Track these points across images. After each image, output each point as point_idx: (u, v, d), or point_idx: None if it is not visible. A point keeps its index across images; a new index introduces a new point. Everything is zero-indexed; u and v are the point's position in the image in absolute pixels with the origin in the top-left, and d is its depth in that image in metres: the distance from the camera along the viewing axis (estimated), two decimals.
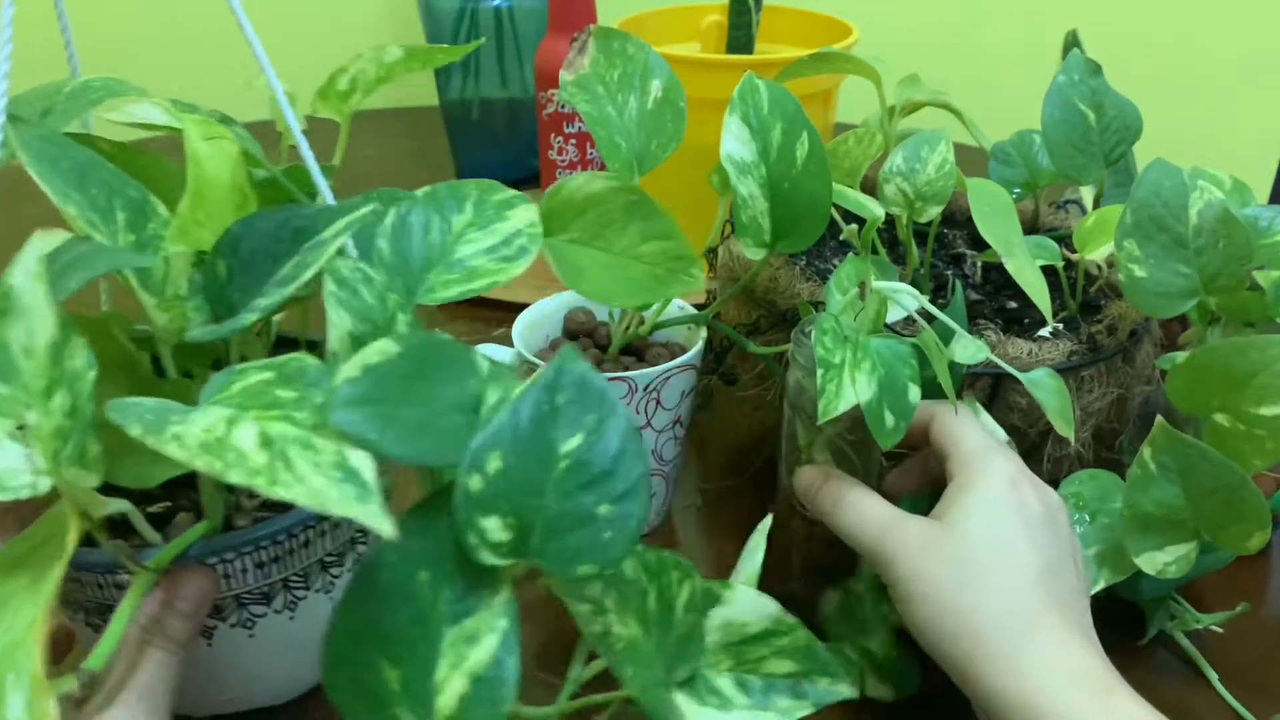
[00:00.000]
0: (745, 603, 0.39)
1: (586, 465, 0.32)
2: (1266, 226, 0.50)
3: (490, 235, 0.42)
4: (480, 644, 0.31)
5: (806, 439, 0.46)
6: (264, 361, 0.33)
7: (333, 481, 0.29)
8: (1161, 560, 0.44)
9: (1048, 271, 0.53)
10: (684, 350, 0.54)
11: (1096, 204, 0.58)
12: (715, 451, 0.66)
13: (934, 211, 0.54)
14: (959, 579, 0.39)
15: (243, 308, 0.36)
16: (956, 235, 0.65)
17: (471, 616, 0.32)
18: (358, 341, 0.35)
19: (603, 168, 0.86)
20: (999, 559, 0.39)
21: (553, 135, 0.84)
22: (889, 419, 0.40)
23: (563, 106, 0.83)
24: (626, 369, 0.52)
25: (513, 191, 0.43)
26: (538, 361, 0.51)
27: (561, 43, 0.82)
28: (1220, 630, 0.50)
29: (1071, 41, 0.67)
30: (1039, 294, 0.47)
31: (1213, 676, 0.47)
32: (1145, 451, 0.44)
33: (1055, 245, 0.54)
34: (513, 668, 0.31)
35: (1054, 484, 0.45)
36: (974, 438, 0.43)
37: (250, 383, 0.32)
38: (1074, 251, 0.55)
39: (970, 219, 0.65)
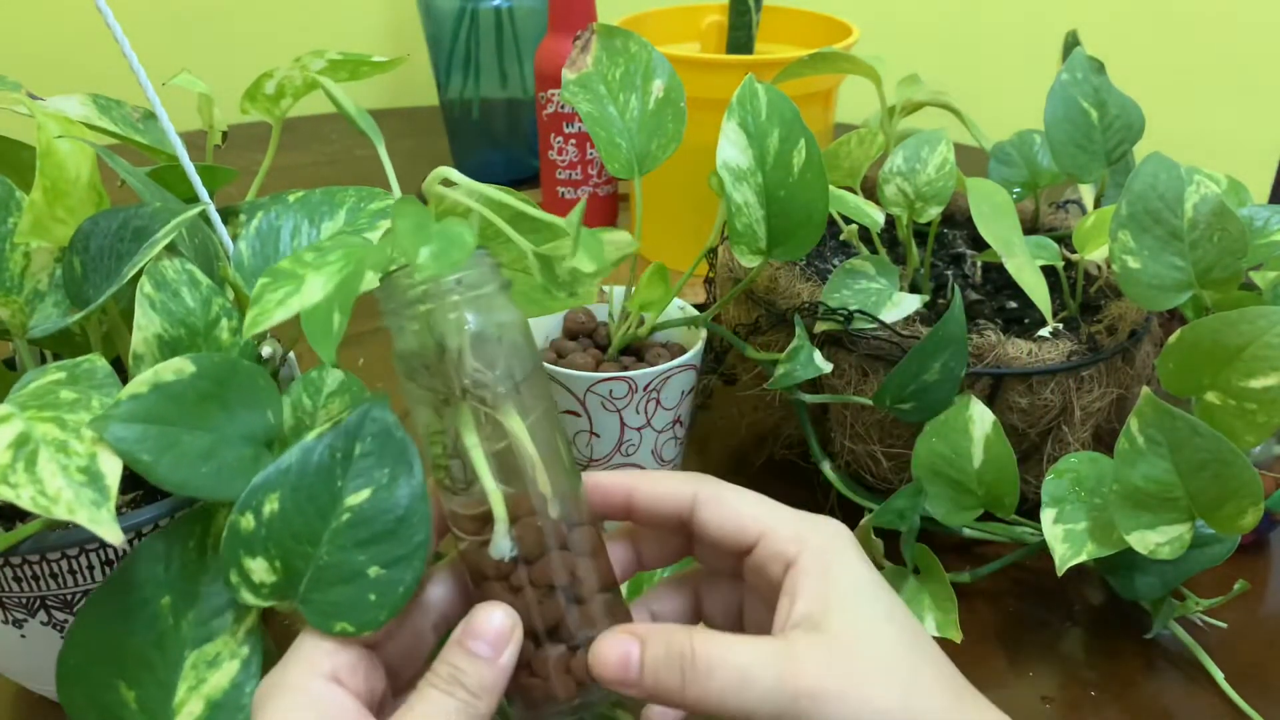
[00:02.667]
0: None
1: (368, 522, 0.31)
2: (1262, 226, 0.50)
3: None
4: (221, 669, 0.31)
5: (437, 424, 0.32)
6: (63, 362, 0.33)
7: (73, 485, 0.29)
8: (1154, 540, 0.44)
9: (1048, 271, 0.53)
10: (684, 350, 0.54)
11: (1097, 204, 0.58)
12: (715, 451, 0.66)
13: (934, 211, 0.54)
14: (902, 695, 0.30)
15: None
16: (956, 235, 0.65)
17: (213, 640, 0.32)
18: (168, 346, 0.35)
19: (603, 168, 0.86)
20: (912, 655, 0.31)
21: (553, 135, 0.84)
22: (336, 320, 0.30)
23: (563, 106, 0.83)
24: (626, 369, 0.52)
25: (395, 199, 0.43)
26: None
27: (562, 43, 0.82)
28: (1224, 626, 0.50)
29: (1072, 41, 0.67)
30: (1039, 294, 0.47)
31: (1218, 675, 0.47)
32: (1132, 424, 0.44)
33: (1055, 245, 0.54)
34: (251, 694, 0.31)
35: None
36: (777, 508, 0.34)
37: (44, 381, 0.32)
38: (1074, 251, 0.55)
39: (970, 219, 0.65)
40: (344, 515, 0.31)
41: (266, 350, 0.43)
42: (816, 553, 0.32)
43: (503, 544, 0.31)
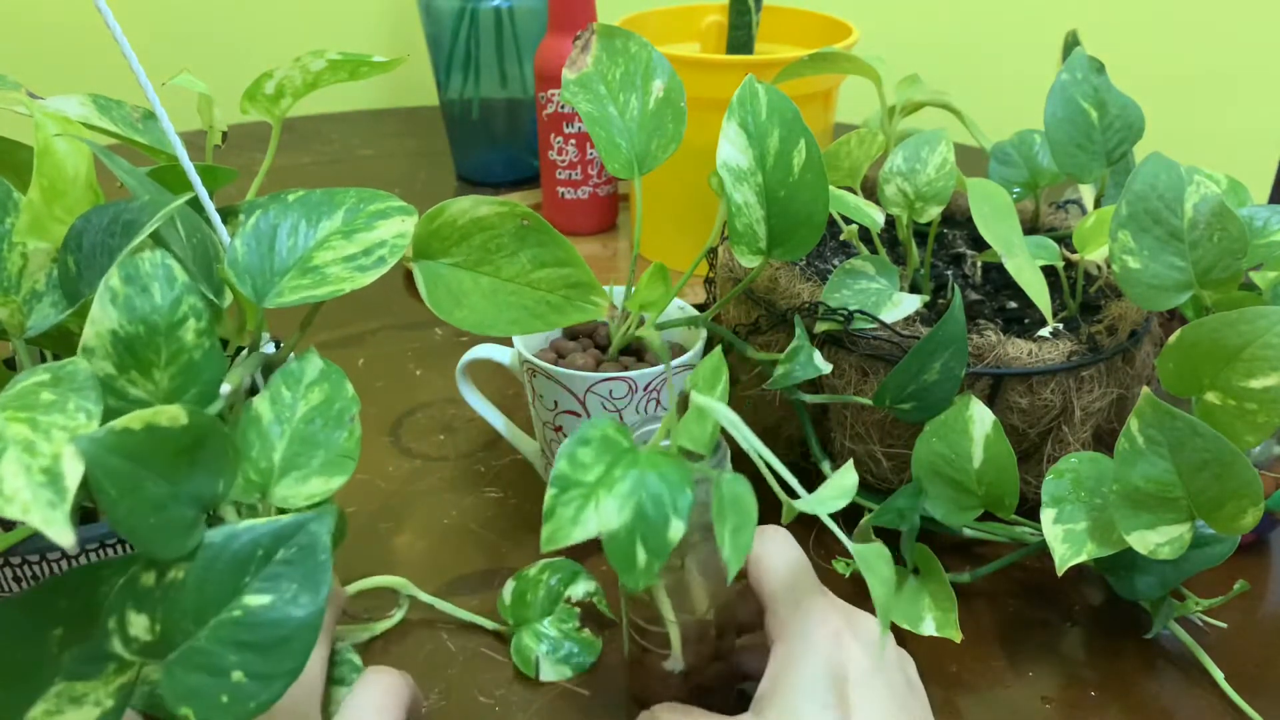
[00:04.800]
0: None
1: (254, 628, 0.31)
2: (1262, 226, 0.50)
3: (353, 244, 0.41)
4: (81, 709, 0.31)
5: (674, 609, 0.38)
6: (50, 364, 0.33)
7: (32, 484, 0.28)
8: (1154, 540, 0.43)
9: (1048, 271, 0.53)
10: (684, 350, 0.54)
11: (1097, 204, 0.58)
12: None
13: (934, 211, 0.54)
14: None
15: None
16: (956, 235, 0.65)
17: (86, 681, 0.32)
18: (122, 343, 0.34)
19: (603, 168, 0.87)
20: None
21: (553, 135, 0.84)
22: (641, 557, 0.32)
23: (563, 106, 0.83)
24: (626, 369, 0.52)
25: (396, 203, 0.42)
26: (537, 361, 0.51)
27: (562, 42, 0.82)
28: (1224, 626, 0.50)
29: (1072, 41, 0.67)
30: (1039, 294, 0.47)
31: (1218, 675, 0.47)
32: (1132, 424, 0.43)
33: (1055, 245, 0.54)
34: None
35: None
36: (782, 578, 0.38)
37: (29, 383, 0.32)
38: (1074, 251, 0.55)
39: (970, 219, 0.65)
40: (235, 611, 0.31)
41: (269, 349, 0.43)
42: (791, 641, 0.37)
43: (675, 663, 0.37)
